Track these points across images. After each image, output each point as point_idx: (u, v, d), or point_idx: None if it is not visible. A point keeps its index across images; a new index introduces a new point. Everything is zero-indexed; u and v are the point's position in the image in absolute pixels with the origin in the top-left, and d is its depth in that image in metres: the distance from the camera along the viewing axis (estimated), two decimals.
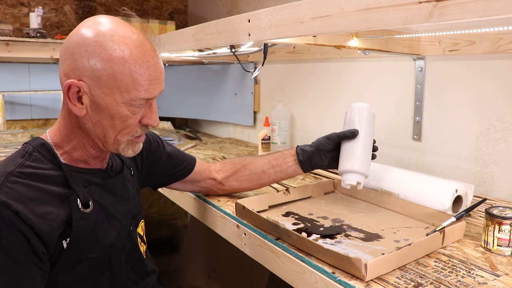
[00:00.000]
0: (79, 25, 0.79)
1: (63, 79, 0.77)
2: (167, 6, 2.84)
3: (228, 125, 2.46)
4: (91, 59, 0.74)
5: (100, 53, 0.74)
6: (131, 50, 0.75)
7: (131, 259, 0.91)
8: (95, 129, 0.80)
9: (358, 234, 0.94)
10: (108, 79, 0.75)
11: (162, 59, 0.83)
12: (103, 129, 0.80)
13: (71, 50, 0.76)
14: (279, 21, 0.91)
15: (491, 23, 1.05)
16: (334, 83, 1.72)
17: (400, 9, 0.64)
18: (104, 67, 0.74)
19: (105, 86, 0.75)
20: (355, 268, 0.73)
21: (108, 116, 0.78)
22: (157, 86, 0.80)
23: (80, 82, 0.75)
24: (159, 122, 0.84)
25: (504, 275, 0.76)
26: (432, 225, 0.98)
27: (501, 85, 1.17)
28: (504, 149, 1.18)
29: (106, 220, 0.84)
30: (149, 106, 0.82)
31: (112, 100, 0.76)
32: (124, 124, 0.80)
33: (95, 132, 0.80)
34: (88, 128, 0.80)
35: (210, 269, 2.43)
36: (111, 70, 0.74)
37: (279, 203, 1.14)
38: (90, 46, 0.74)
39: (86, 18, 0.80)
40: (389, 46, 1.22)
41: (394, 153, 1.49)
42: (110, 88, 0.76)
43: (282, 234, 0.90)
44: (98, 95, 0.76)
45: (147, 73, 0.77)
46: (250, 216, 1.01)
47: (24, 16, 2.36)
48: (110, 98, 0.76)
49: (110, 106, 0.77)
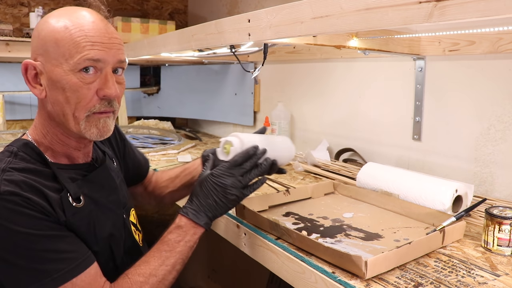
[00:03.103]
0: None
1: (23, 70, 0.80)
2: (167, 6, 2.84)
3: (228, 125, 2.46)
4: (39, 36, 0.78)
5: (45, 28, 0.78)
6: (73, 19, 0.78)
7: (128, 247, 0.91)
8: (55, 109, 0.79)
9: (358, 234, 0.95)
10: (53, 50, 0.76)
11: (162, 59, 0.84)
12: (61, 106, 0.78)
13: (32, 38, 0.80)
14: (279, 21, 0.91)
15: (491, 23, 1.05)
16: (334, 83, 1.72)
17: (400, 9, 0.64)
18: (49, 38, 0.77)
19: (52, 57, 0.77)
20: (355, 266, 0.73)
21: (61, 89, 0.77)
22: (104, 50, 0.78)
23: (36, 62, 0.78)
24: (117, 92, 0.80)
25: (504, 275, 0.76)
26: (432, 225, 0.98)
27: (501, 85, 1.17)
28: (504, 149, 1.18)
29: (99, 212, 0.84)
30: (104, 76, 0.79)
31: (61, 70, 0.76)
32: (77, 95, 0.77)
33: (56, 113, 0.80)
34: (50, 111, 0.80)
35: (210, 269, 2.43)
36: (54, 39, 0.76)
37: (279, 204, 1.14)
38: (39, 25, 0.79)
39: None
40: (389, 46, 1.22)
41: (394, 153, 1.49)
42: (57, 58, 0.76)
43: (283, 233, 0.90)
44: (49, 70, 0.77)
45: (89, 34, 0.77)
46: (250, 215, 1.01)
47: (24, 16, 2.36)
48: (59, 68, 0.76)
49: (60, 77, 0.76)
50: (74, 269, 0.73)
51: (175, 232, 0.85)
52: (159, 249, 0.83)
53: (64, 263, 0.72)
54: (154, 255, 0.83)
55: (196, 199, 0.88)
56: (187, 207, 0.88)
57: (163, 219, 2.90)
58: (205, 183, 0.88)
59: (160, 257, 0.82)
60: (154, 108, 2.79)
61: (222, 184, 0.87)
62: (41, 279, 0.70)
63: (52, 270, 0.71)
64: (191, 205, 0.88)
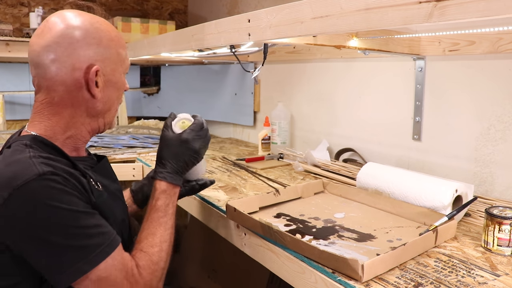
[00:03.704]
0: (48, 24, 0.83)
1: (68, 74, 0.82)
2: (167, 6, 2.84)
3: (228, 125, 2.46)
4: (101, 43, 0.85)
5: (104, 37, 0.86)
6: (113, 29, 0.90)
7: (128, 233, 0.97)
8: (106, 107, 0.89)
9: (351, 235, 0.94)
10: (114, 56, 0.88)
11: (162, 59, 0.92)
12: (111, 103, 0.91)
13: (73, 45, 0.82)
14: (279, 21, 0.91)
15: (491, 23, 1.05)
16: (334, 83, 1.72)
17: (400, 9, 0.64)
18: (110, 46, 0.87)
19: (112, 62, 0.88)
20: (351, 269, 0.73)
21: (116, 88, 0.90)
22: None
23: (96, 66, 0.84)
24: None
25: (504, 275, 0.76)
26: (424, 224, 0.99)
27: (501, 85, 1.17)
28: (504, 149, 1.18)
29: (111, 198, 0.88)
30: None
31: (118, 73, 0.90)
32: (121, 91, 0.93)
33: (103, 110, 0.89)
34: (99, 110, 0.88)
35: (210, 269, 2.43)
36: (115, 47, 0.88)
37: (270, 204, 1.13)
38: (96, 33, 0.85)
39: (44, 23, 0.85)
40: (389, 46, 1.22)
41: (394, 153, 1.49)
42: (116, 63, 0.88)
43: (276, 236, 0.90)
44: (108, 73, 0.87)
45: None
46: (242, 218, 1.00)
47: (24, 16, 2.36)
48: (117, 72, 0.89)
49: (118, 78, 0.90)
50: (111, 243, 0.77)
51: (162, 197, 0.93)
52: (156, 217, 0.91)
53: (103, 238, 0.76)
54: (154, 225, 0.90)
55: (168, 163, 0.96)
56: (163, 171, 0.96)
57: None
58: (175, 147, 0.97)
59: (160, 223, 0.90)
60: (154, 108, 2.79)
61: (193, 147, 0.97)
62: (87, 255, 0.73)
63: (95, 245, 0.74)
64: (165, 168, 0.96)
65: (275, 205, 1.14)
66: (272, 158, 1.73)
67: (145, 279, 0.81)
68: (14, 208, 0.70)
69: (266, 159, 1.72)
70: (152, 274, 0.83)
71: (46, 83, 0.83)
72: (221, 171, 1.55)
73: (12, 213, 0.70)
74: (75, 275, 0.72)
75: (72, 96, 0.84)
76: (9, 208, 0.70)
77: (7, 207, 0.70)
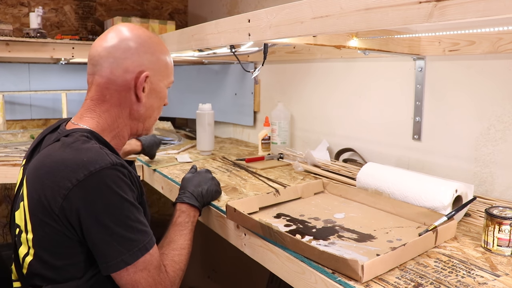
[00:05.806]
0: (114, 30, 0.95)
1: (121, 75, 0.92)
2: (167, 6, 2.84)
3: (228, 125, 2.46)
4: (154, 54, 0.96)
5: (157, 50, 0.97)
6: (166, 48, 1.01)
7: None
8: (147, 112, 0.98)
9: (351, 235, 0.94)
10: (163, 68, 0.98)
11: None
12: (152, 110, 0.99)
13: (131, 50, 0.93)
14: (279, 21, 0.91)
15: (491, 23, 1.05)
16: (334, 83, 1.72)
17: (400, 9, 0.64)
18: (162, 58, 0.98)
19: (160, 73, 0.97)
20: (351, 270, 0.73)
21: (158, 98, 0.99)
22: None
23: (147, 73, 0.94)
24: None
25: (504, 275, 0.76)
26: (423, 224, 0.99)
27: (501, 85, 1.17)
28: (504, 149, 1.18)
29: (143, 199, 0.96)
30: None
31: (163, 84, 0.99)
32: (162, 103, 1.02)
33: (145, 115, 0.98)
34: (141, 114, 0.97)
35: (210, 269, 2.43)
36: (164, 60, 0.99)
37: (270, 205, 1.13)
38: (151, 45, 0.96)
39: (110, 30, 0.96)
40: (389, 46, 1.22)
41: (394, 153, 1.49)
42: (162, 74, 0.98)
43: (276, 237, 0.90)
44: (155, 82, 0.97)
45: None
46: (241, 218, 1.00)
47: (24, 16, 2.36)
48: (162, 83, 0.99)
49: (162, 89, 0.99)
50: (151, 240, 0.84)
51: (182, 216, 1.03)
52: (176, 230, 0.99)
53: (146, 234, 0.83)
54: (175, 234, 0.98)
55: (187, 190, 1.10)
56: (181, 196, 1.08)
57: (163, 219, 2.90)
58: (197, 178, 1.15)
59: (181, 235, 0.98)
60: None
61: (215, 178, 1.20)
62: (130, 248, 0.80)
63: (140, 240, 0.81)
64: (184, 194, 1.09)
65: (275, 205, 1.14)
66: (272, 158, 1.73)
67: (170, 276, 0.88)
68: (87, 189, 0.78)
69: (266, 159, 1.72)
70: (175, 272, 0.90)
71: (101, 80, 0.92)
72: (221, 171, 1.55)
73: (83, 194, 0.77)
74: (119, 265, 0.79)
75: (121, 96, 0.93)
76: (83, 188, 0.77)
77: (81, 188, 0.77)
